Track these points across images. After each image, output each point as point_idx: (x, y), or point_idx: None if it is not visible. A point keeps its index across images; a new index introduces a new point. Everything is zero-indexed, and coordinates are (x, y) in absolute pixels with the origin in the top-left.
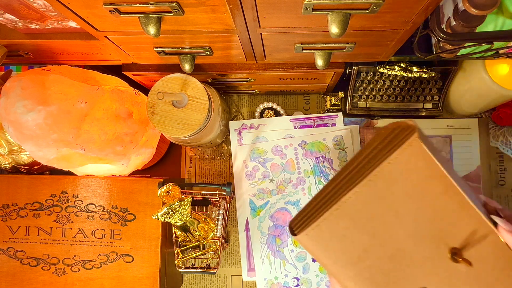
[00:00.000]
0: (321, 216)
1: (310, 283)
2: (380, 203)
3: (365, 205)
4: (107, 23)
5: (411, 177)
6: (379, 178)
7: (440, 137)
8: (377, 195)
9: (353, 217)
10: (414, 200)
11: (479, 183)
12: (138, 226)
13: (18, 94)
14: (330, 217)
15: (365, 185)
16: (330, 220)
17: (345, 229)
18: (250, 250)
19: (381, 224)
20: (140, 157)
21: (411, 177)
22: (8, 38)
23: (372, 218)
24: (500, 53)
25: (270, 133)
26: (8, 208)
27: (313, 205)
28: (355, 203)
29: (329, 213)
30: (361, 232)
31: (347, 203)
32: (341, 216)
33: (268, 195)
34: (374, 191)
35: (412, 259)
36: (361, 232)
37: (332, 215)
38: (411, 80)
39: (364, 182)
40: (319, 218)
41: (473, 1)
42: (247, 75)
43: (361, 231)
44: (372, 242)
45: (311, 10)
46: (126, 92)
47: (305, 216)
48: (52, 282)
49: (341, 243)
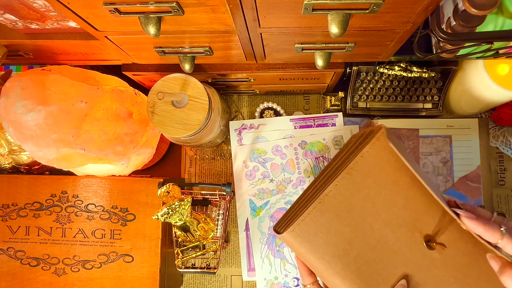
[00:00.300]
0: (305, 211)
1: None
2: (358, 195)
3: (345, 197)
4: (107, 23)
5: (382, 169)
6: (355, 170)
7: (440, 137)
8: (355, 187)
9: (335, 210)
10: (387, 191)
11: (479, 183)
12: (138, 226)
13: (18, 94)
14: (314, 211)
15: (344, 178)
16: (314, 214)
17: (329, 222)
18: (250, 250)
19: (361, 215)
20: (140, 157)
21: (383, 169)
22: (8, 38)
23: (353, 210)
24: (500, 53)
25: (270, 133)
26: (8, 208)
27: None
28: (336, 196)
29: (313, 207)
30: (343, 224)
31: (328, 196)
32: (324, 209)
33: (268, 195)
34: (352, 183)
35: (392, 248)
36: (343, 224)
37: (316, 209)
38: (411, 80)
39: (342, 175)
40: (304, 213)
41: (473, 1)
42: (247, 75)
43: (344, 222)
44: (354, 234)
45: (311, 10)
46: (126, 92)
47: (289, 217)
48: (52, 282)
49: (326, 236)
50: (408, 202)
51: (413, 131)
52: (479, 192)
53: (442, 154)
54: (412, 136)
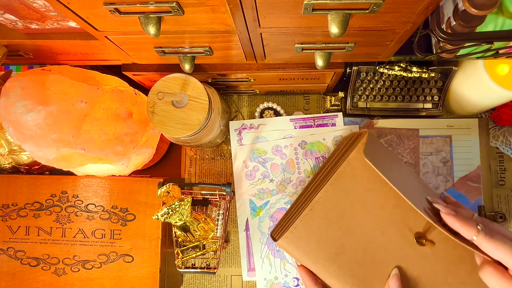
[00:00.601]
0: (298, 219)
1: None
2: (348, 199)
3: (334, 203)
4: (107, 23)
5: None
6: (343, 176)
7: (440, 137)
8: (344, 192)
9: (326, 215)
10: (376, 193)
11: (479, 183)
12: (138, 226)
13: (18, 94)
14: (305, 218)
15: (332, 185)
16: (305, 221)
17: (320, 227)
18: (250, 250)
19: (351, 219)
20: (140, 157)
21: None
22: (8, 38)
23: (343, 215)
24: (500, 53)
25: (270, 133)
26: (8, 208)
27: (290, 212)
28: (326, 202)
29: (304, 214)
30: (335, 229)
31: (318, 202)
32: (315, 216)
33: (268, 195)
34: (341, 189)
35: (384, 247)
36: (334, 228)
37: (307, 216)
38: (411, 80)
39: (331, 181)
40: (296, 221)
41: (473, 1)
42: (247, 75)
43: (335, 227)
44: (346, 237)
45: (311, 10)
46: (126, 92)
47: (284, 224)
48: (52, 282)
49: (319, 241)
50: (398, 202)
51: (413, 131)
52: (479, 192)
53: (442, 154)
54: (412, 136)
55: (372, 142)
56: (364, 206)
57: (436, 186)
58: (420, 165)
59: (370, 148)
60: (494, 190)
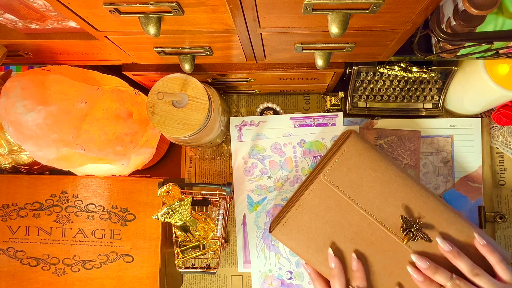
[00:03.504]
0: (289, 213)
1: (303, 277)
2: (334, 196)
3: (321, 199)
4: (107, 23)
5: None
6: (329, 175)
7: (442, 137)
8: (329, 189)
9: (314, 210)
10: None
11: (480, 183)
12: (138, 226)
13: (18, 94)
14: (295, 213)
15: (319, 182)
16: (295, 216)
17: (309, 221)
18: (247, 243)
19: (338, 213)
20: (140, 157)
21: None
22: (8, 38)
23: (330, 209)
24: (500, 53)
25: (270, 131)
26: (8, 208)
27: (285, 207)
28: (314, 199)
29: (294, 210)
30: (322, 222)
31: (307, 199)
32: (304, 211)
33: (266, 191)
34: (327, 186)
35: (370, 239)
36: (322, 222)
37: (297, 211)
38: (411, 80)
39: (318, 180)
40: (287, 215)
41: (473, 1)
42: (247, 75)
43: (322, 221)
44: (333, 229)
45: (311, 10)
46: (126, 92)
47: (280, 217)
48: (52, 282)
49: (308, 234)
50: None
51: (415, 133)
52: (479, 192)
53: (443, 154)
54: (413, 138)
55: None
56: (350, 200)
57: (436, 186)
58: (420, 165)
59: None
60: (494, 190)
